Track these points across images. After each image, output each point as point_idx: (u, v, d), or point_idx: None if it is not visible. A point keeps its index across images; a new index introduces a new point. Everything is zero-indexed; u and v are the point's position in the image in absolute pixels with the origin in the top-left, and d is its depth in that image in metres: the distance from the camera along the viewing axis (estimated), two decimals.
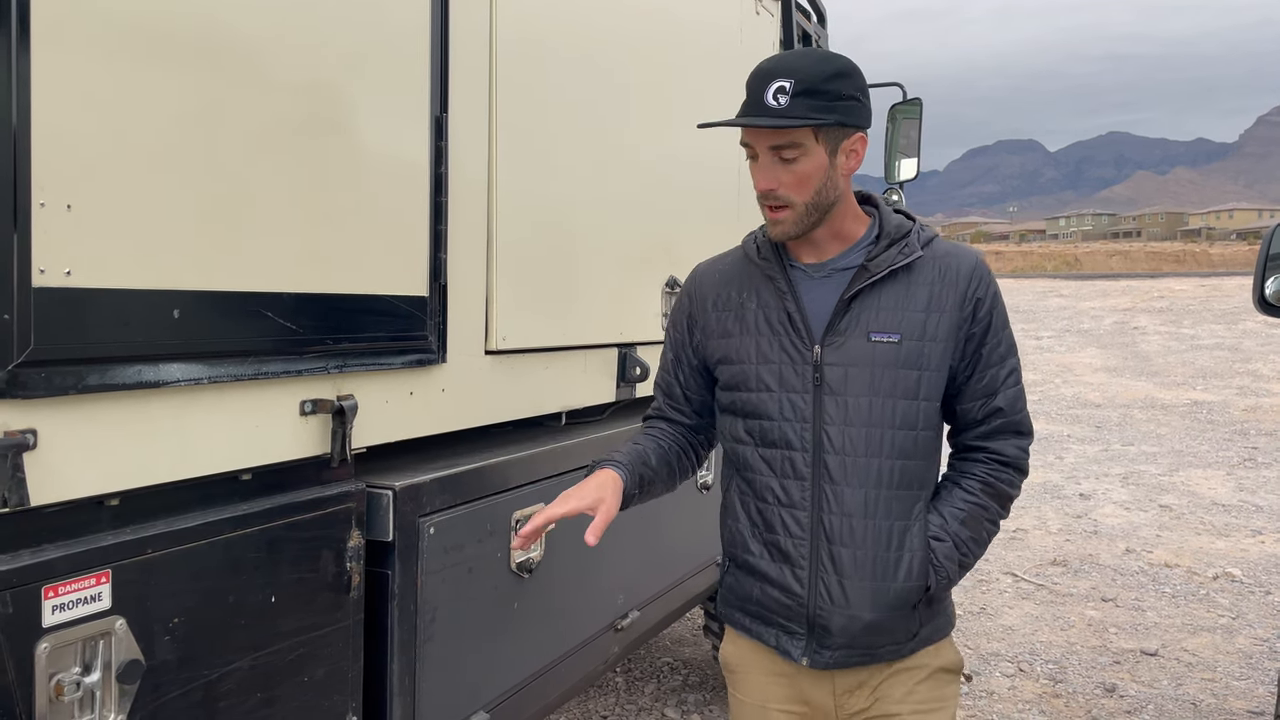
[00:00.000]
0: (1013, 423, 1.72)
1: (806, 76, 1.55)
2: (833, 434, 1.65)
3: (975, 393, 1.71)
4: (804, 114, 1.54)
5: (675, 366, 1.87)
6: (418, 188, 1.78)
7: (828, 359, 1.65)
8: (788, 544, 1.69)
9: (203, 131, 1.35)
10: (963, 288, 1.66)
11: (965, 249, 1.74)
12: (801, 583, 1.68)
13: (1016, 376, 1.73)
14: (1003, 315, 1.72)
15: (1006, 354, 1.72)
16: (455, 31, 1.86)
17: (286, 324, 1.49)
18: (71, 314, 1.18)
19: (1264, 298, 2.76)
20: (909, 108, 4.75)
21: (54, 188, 1.15)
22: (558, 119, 2.27)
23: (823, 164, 1.60)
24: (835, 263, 1.70)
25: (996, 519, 1.74)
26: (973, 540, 1.71)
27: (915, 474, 1.67)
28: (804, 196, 1.61)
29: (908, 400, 1.64)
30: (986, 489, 1.72)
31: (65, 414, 1.20)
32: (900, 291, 1.65)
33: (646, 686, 4.27)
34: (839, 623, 1.66)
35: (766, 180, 1.62)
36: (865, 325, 1.64)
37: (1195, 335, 18.48)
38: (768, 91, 1.55)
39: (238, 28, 1.39)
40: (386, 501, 1.72)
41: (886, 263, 1.65)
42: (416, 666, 1.78)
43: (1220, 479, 8.51)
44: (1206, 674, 4.41)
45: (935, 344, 1.65)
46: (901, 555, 1.65)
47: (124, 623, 1.27)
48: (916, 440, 1.66)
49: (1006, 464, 1.73)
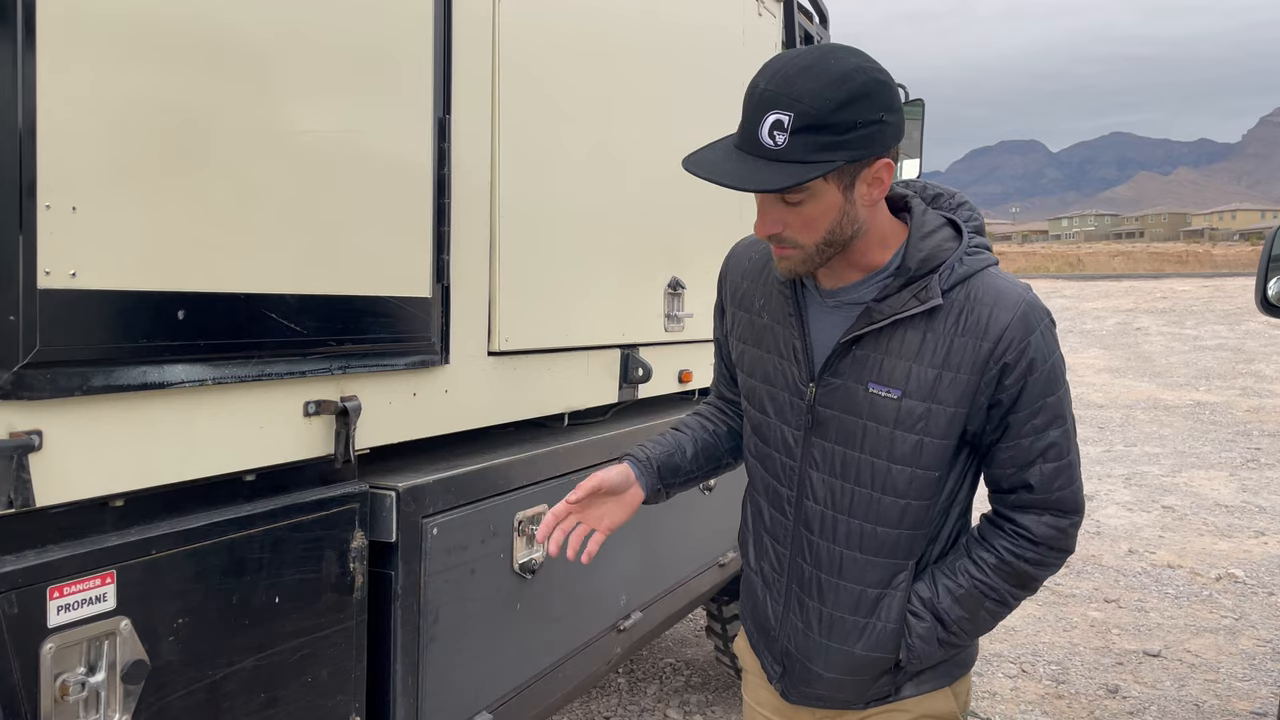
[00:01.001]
0: (1049, 501, 1.44)
1: (810, 108, 1.26)
2: (815, 481, 1.50)
3: (1004, 461, 1.45)
4: (805, 156, 1.27)
5: (719, 350, 1.78)
6: (420, 189, 1.78)
7: (821, 400, 1.47)
8: (770, 575, 1.62)
9: (207, 133, 1.35)
10: (989, 347, 1.38)
11: (1010, 295, 1.40)
12: (776, 617, 1.61)
13: (1060, 450, 1.43)
14: (1045, 383, 1.39)
15: (1046, 425, 1.41)
16: (458, 33, 1.86)
17: (290, 325, 1.50)
18: (77, 315, 1.19)
19: (1266, 298, 2.76)
20: (911, 109, 4.76)
21: (59, 190, 1.15)
22: (560, 120, 2.27)
23: (836, 203, 1.34)
24: (847, 293, 1.47)
25: (1007, 599, 1.49)
26: (966, 620, 1.48)
27: (899, 543, 1.47)
28: (813, 238, 1.37)
29: (900, 465, 1.43)
30: (1001, 568, 1.46)
31: (70, 415, 1.20)
32: (914, 338, 1.40)
33: (649, 687, 4.27)
34: (799, 674, 1.59)
35: (768, 224, 1.37)
36: (865, 373, 1.43)
37: (1198, 336, 18.47)
38: (762, 126, 1.27)
39: (242, 30, 1.40)
40: (390, 502, 1.72)
41: (893, 309, 1.40)
42: (419, 667, 1.78)
43: (1223, 480, 8.50)
44: (1209, 675, 4.40)
45: (944, 407, 1.40)
46: (871, 623, 1.49)
47: (129, 623, 1.27)
48: (905, 509, 1.45)
49: (1036, 542, 1.45)
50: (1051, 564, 1.48)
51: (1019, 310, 1.39)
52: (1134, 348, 17.71)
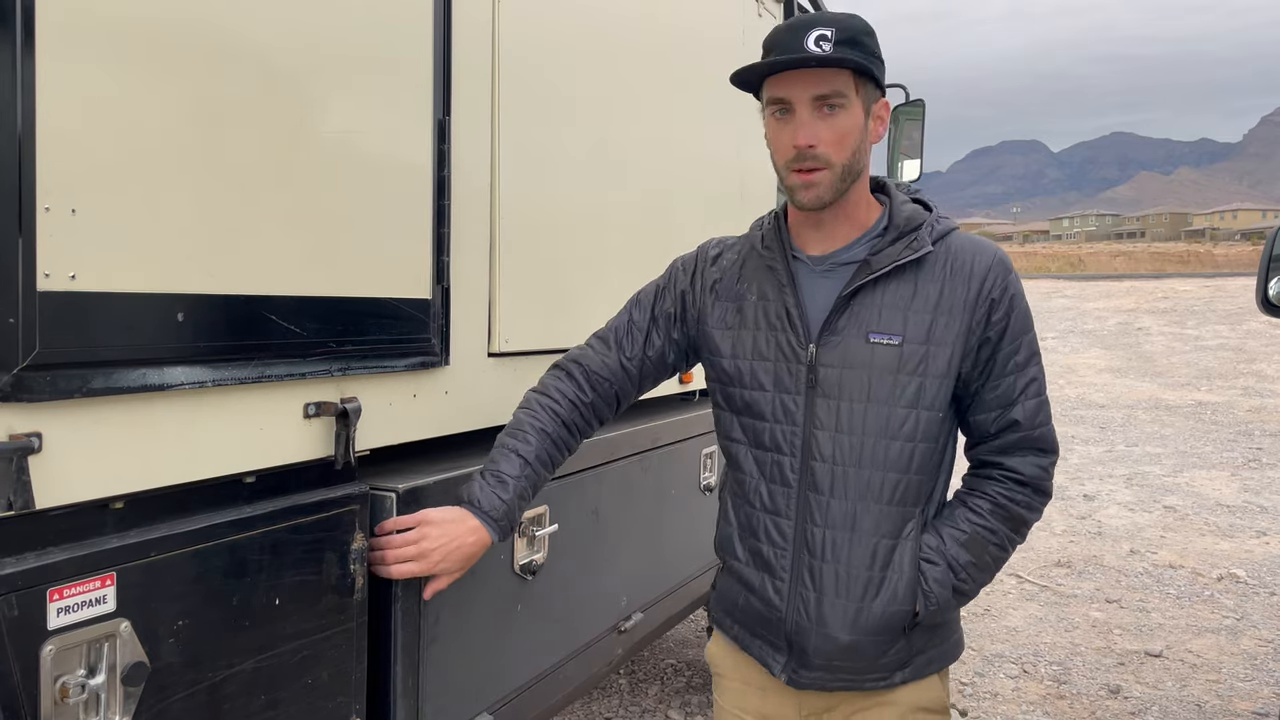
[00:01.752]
0: (1031, 438, 1.58)
1: (847, 27, 1.46)
2: (822, 440, 1.55)
3: (990, 403, 1.57)
4: (854, 59, 1.44)
5: (635, 327, 1.77)
6: (420, 191, 1.78)
7: (822, 359, 1.55)
8: (770, 553, 1.61)
9: (206, 135, 1.35)
10: (976, 286, 1.53)
11: (985, 244, 1.60)
12: (781, 595, 1.60)
13: (1038, 387, 1.59)
14: (1024, 319, 1.57)
15: (1026, 362, 1.57)
16: (458, 34, 1.86)
17: (290, 327, 1.50)
18: (76, 317, 1.19)
19: (1268, 299, 2.76)
20: (912, 109, 4.76)
21: (59, 192, 1.15)
22: (560, 122, 2.27)
23: (860, 122, 1.51)
24: (838, 255, 1.59)
25: (1006, 544, 1.60)
26: (973, 566, 1.57)
27: (909, 489, 1.55)
28: (842, 157, 1.50)
29: (906, 409, 1.52)
30: (997, 511, 1.58)
31: (70, 417, 1.20)
32: (906, 289, 1.53)
33: (650, 688, 4.27)
34: (814, 644, 1.57)
35: (808, 135, 1.48)
36: (865, 325, 1.53)
37: (1199, 336, 18.46)
38: (808, 38, 1.44)
39: (241, 32, 1.40)
40: (390, 504, 1.72)
41: (891, 258, 1.53)
42: (420, 668, 1.78)
43: (1225, 480, 8.49)
44: (1211, 675, 4.40)
45: (942, 348, 1.52)
46: (886, 575, 1.54)
47: (129, 625, 1.27)
48: (913, 453, 1.54)
49: (1024, 483, 1.58)
50: (1037, 507, 1.61)
51: (996, 254, 1.57)
52: (1135, 348, 17.70)
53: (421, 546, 1.61)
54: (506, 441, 1.73)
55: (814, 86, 1.47)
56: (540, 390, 1.81)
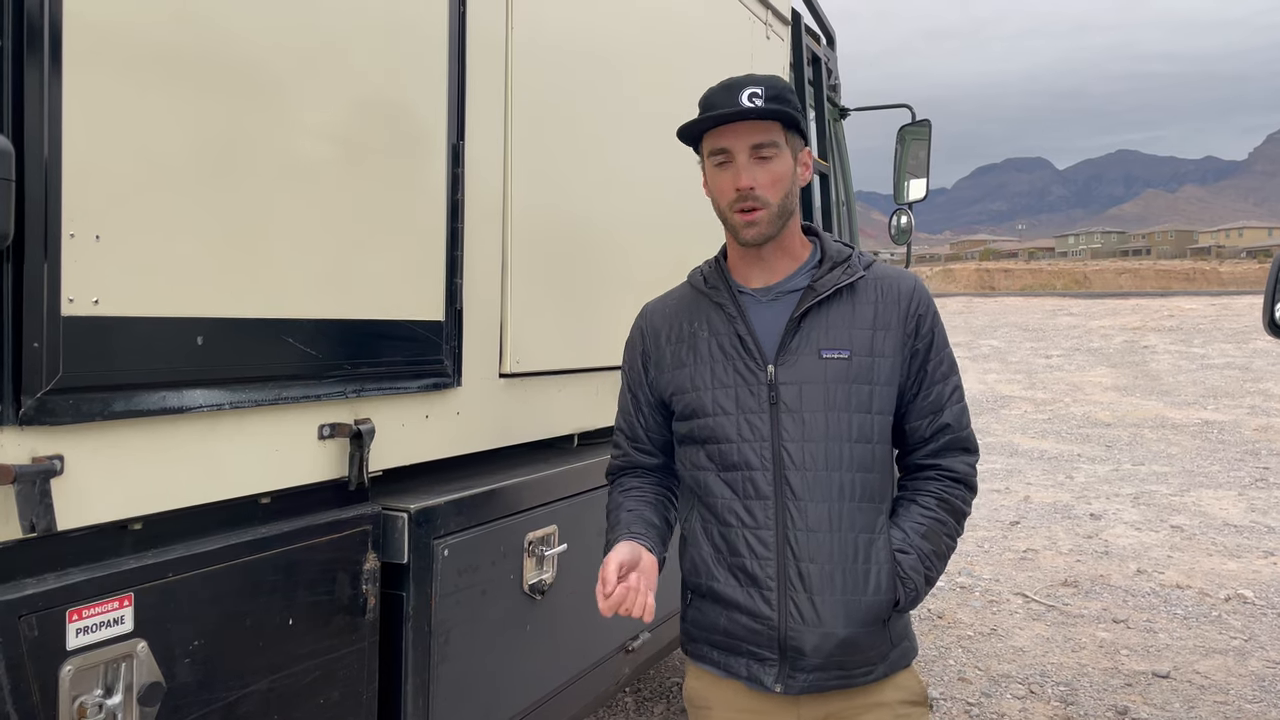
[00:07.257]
0: (960, 439, 1.77)
1: (774, 85, 1.66)
2: (792, 450, 1.66)
3: (922, 410, 1.75)
4: (785, 111, 1.64)
5: (635, 408, 1.86)
6: (434, 214, 1.81)
7: (782, 378, 1.68)
8: (754, 566, 1.67)
9: (226, 163, 1.38)
10: (904, 305, 1.73)
11: (904, 272, 1.82)
12: (771, 604, 1.66)
13: (960, 394, 1.80)
14: (943, 334, 1.79)
15: (949, 371, 1.78)
16: (472, 60, 1.89)
17: (306, 349, 1.52)
18: (99, 342, 1.21)
19: (1274, 320, 2.76)
20: (918, 129, 4.79)
21: (83, 218, 1.18)
22: (573, 145, 2.30)
23: (790, 167, 1.69)
24: (781, 286, 1.75)
25: (954, 535, 1.77)
26: (934, 554, 1.73)
27: (875, 486, 1.69)
28: (777, 197, 1.68)
29: (862, 414, 1.68)
30: (943, 504, 1.75)
31: (92, 440, 1.22)
32: (846, 310, 1.71)
33: (656, 707, 4.26)
34: (812, 641, 1.64)
35: (748, 178, 1.66)
36: (816, 343, 1.69)
37: (1205, 354, 18.43)
38: (743, 96, 1.63)
39: (261, 62, 1.42)
40: (402, 524, 1.73)
41: (832, 282, 1.71)
42: (430, 687, 1.79)
43: (1232, 499, 8.46)
44: (1219, 697, 4.38)
45: (884, 359, 1.70)
46: (869, 568, 1.66)
47: (145, 645, 1.29)
48: (874, 453, 1.69)
49: (958, 480, 1.77)
50: (970, 501, 1.80)
51: (914, 279, 1.80)
52: (1141, 366, 17.68)
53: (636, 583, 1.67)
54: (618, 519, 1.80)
55: (751, 136, 1.65)
56: (621, 494, 1.86)
